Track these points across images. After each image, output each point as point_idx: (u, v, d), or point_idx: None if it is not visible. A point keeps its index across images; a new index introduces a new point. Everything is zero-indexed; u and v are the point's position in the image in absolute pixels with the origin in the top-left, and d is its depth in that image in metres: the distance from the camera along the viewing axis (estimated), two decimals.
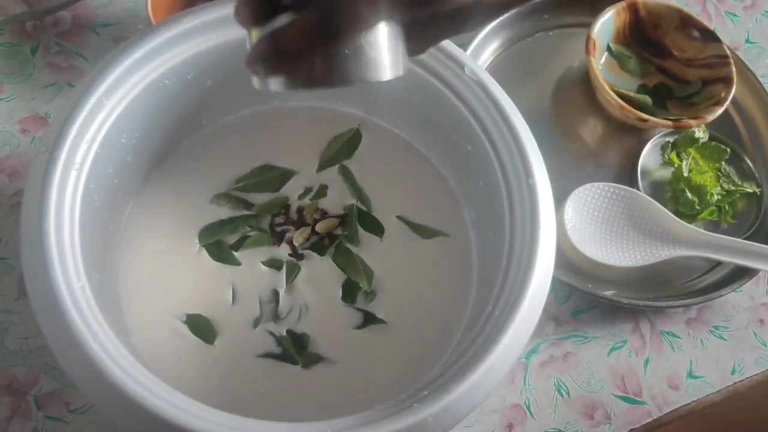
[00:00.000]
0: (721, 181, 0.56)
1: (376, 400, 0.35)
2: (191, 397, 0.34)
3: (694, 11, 0.66)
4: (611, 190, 0.55)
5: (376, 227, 0.48)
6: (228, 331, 0.44)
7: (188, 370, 0.43)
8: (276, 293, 0.46)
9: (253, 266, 0.46)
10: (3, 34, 0.56)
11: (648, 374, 0.53)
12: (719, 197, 0.56)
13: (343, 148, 0.50)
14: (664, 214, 0.54)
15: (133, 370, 0.34)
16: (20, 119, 0.54)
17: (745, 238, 0.56)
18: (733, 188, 0.57)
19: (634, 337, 0.54)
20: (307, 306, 0.46)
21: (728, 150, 0.57)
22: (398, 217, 0.48)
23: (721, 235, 0.55)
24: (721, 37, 0.60)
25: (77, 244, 0.37)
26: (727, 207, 0.56)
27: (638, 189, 0.56)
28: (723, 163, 0.58)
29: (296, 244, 0.47)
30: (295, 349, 0.44)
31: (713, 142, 0.58)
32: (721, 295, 0.54)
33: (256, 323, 0.45)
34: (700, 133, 0.57)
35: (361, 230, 0.48)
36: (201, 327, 0.44)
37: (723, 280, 0.55)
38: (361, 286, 0.46)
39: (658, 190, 0.58)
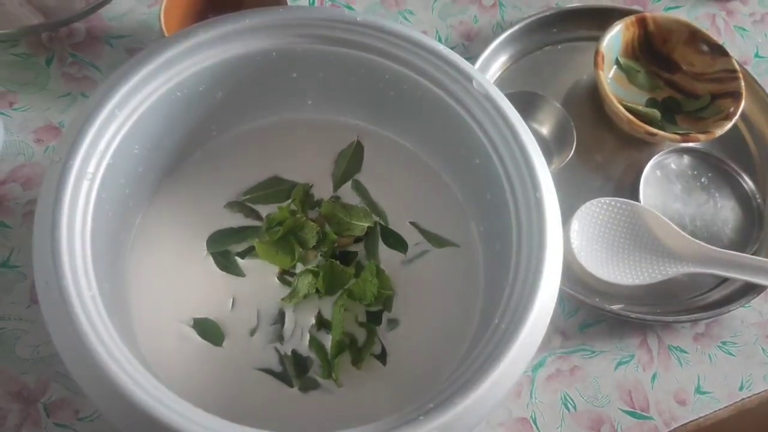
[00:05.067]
0: None
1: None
2: (194, 402, 0.34)
3: (704, 26, 0.66)
4: (617, 205, 0.55)
5: (399, 243, 0.48)
6: (232, 337, 0.45)
7: (192, 377, 0.43)
8: (282, 314, 0.45)
9: (258, 277, 0.47)
10: (19, 45, 0.57)
11: (655, 389, 0.53)
12: None
13: (351, 163, 0.50)
14: (670, 229, 0.54)
15: (141, 379, 0.34)
16: (34, 129, 0.54)
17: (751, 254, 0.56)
18: None
19: (641, 352, 0.54)
20: (304, 328, 0.45)
21: None
22: (411, 223, 0.49)
23: (729, 251, 0.54)
24: (730, 52, 0.60)
25: (89, 254, 0.37)
26: None
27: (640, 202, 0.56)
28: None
29: (307, 262, 0.47)
30: (296, 371, 0.44)
31: None
32: (730, 311, 0.54)
33: (252, 333, 0.45)
34: None
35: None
36: (209, 330, 0.44)
37: (731, 295, 0.55)
38: (383, 308, 0.46)
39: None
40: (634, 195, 0.57)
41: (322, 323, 0.45)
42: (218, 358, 0.44)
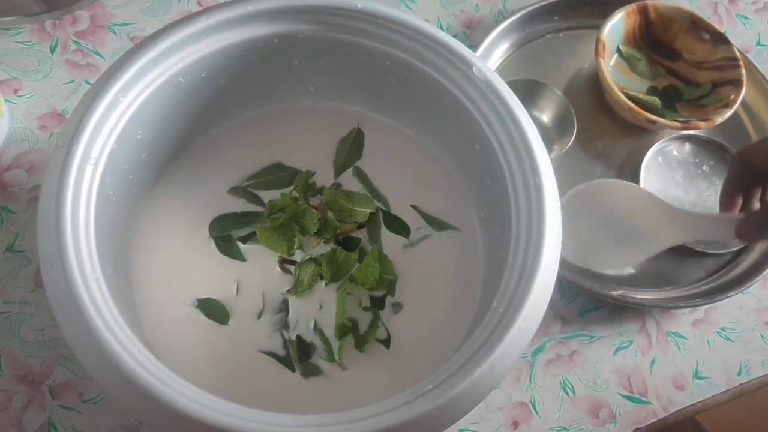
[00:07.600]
0: None
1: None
2: (196, 383, 0.35)
3: (705, 14, 0.66)
4: (583, 190, 0.52)
5: (402, 228, 0.49)
6: (237, 319, 0.45)
7: (195, 358, 0.43)
8: (286, 302, 0.46)
9: (261, 263, 0.47)
10: (23, 32, 0.58)
11: (654, 374, 0.53)
12: None
13: (352, 151, 0.50)
14: (657, 201, 0.51)
15: (144, 360, 0.34)
16: (39, 116, 0.55)
17: None
18: None
19: (640, 337, 0.54)
20: (309, 315, 0.46)
21: None
22: (412, 206, 0.49)
23: (709, 212, 0.54)
24: (731, 40, 0.60)
25: (92, 237, 0.38)
26: None
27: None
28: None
29: (310, 248, 0.47)
30: (299, 356, 0.44)
31: None
32: (729, 297, 0.54)
33: (259, 316, 0.45)
34: None
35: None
36: (213, 310, 0.45)
37: (730, 281, 0.55)
38: (387, 293, 0.47)
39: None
40: (635, 181, 0.57)
41: (326, 309, 0.46)
42: (221, 339, 0.44)
